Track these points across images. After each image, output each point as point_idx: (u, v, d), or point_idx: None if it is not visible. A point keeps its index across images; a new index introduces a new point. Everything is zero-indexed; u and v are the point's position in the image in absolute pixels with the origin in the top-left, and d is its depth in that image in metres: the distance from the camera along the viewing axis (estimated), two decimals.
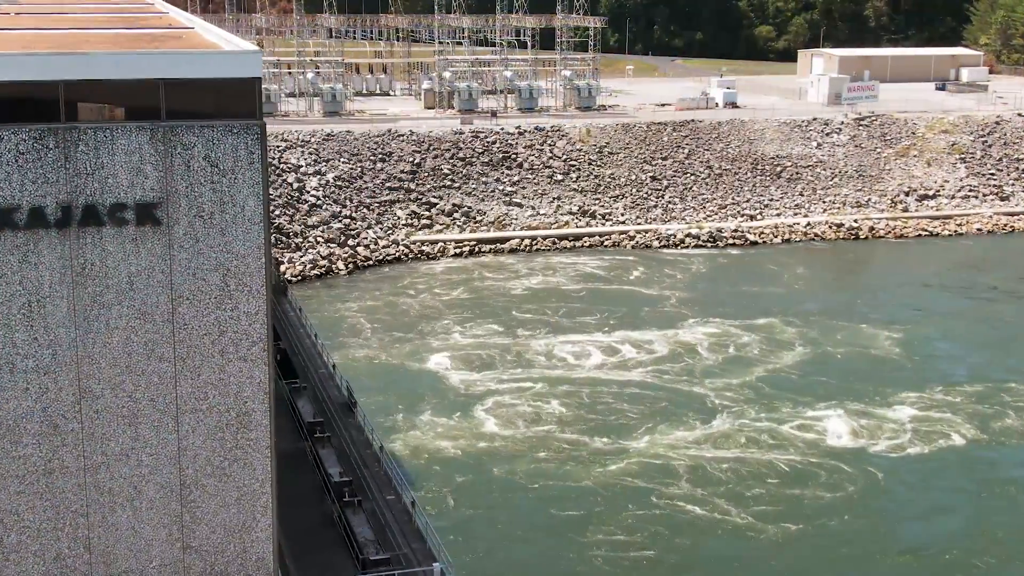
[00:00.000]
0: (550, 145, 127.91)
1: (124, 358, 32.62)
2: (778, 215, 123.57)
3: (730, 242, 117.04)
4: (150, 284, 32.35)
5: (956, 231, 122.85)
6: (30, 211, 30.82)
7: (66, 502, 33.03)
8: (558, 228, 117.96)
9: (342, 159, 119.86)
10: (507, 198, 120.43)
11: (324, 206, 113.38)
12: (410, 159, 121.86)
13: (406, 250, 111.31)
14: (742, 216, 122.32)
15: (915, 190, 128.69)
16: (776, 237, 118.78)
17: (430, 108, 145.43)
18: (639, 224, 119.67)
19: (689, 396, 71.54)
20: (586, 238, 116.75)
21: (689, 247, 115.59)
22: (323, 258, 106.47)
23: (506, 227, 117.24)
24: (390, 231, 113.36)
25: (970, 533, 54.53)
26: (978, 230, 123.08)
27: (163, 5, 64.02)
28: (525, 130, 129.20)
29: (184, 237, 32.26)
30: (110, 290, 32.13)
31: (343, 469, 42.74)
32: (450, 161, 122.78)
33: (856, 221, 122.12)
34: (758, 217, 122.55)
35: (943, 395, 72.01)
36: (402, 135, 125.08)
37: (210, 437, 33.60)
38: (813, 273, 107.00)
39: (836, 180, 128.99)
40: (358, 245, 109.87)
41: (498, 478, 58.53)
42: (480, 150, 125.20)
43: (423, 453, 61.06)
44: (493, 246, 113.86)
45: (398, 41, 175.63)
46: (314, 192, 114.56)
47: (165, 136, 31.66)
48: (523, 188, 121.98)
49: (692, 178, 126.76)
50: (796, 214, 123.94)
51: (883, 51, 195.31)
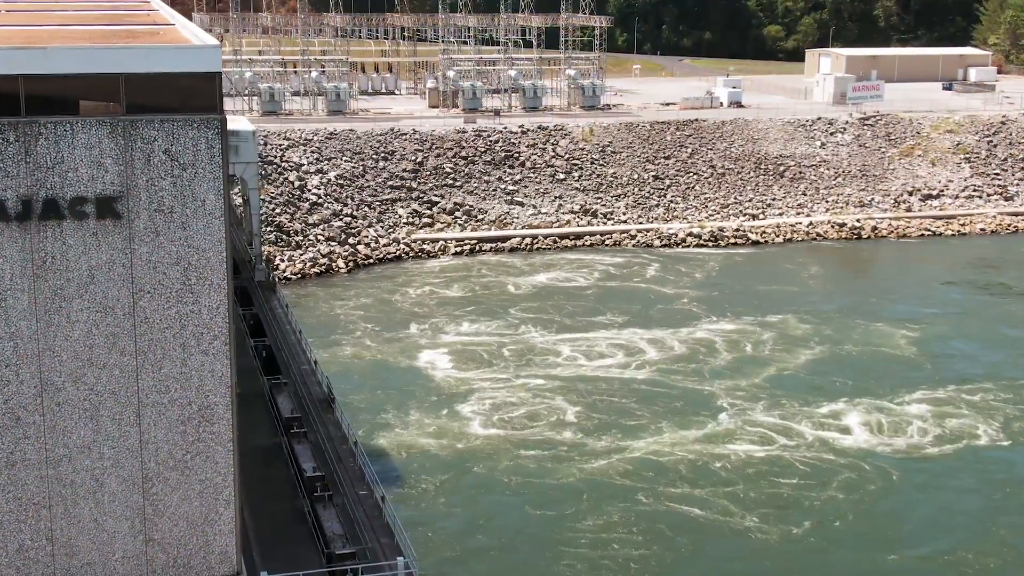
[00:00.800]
0: (553, 144, 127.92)
1: (85, 351, 32.78)
2: (780, 215, 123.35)
3: (732, 241, 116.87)
4: (111, 278, 32.50)
5: (959, 231, 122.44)
6: None
7: (28, 494, 33.20)
8: (559, 227, 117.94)
9: (344, 158, 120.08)
10: (509, 197, 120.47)
11: (325, 204, 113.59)
12: (412, 158, 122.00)
13: (407, 248, 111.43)
14: (744, 216, 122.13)
15: (919, 190, 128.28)
16: (778, 237, 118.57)
17: (434, 107, 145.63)
18: (641, 223, 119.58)
19: (696, 394, 71.34)
20: (587, 237, 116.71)
21: (690, 246, 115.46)
22: (323, 256, 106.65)
23: (507, 226, 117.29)
24: (391, 230, 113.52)
25: (982, 535, 54.00)
26: (981, 230, 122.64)
27: (156, 3, 64.28)
28: (528, 129, 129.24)
29: (145, 231, 32.40)
30: (71, 283, 32.30)
31: (316, 464, 42.83)
32: (452, 160, 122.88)
33: (859, 221, 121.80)
34: (760, 217, 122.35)
35: (959, 394, 71.60)
36: (405, 134, 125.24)
37: (172, 430, 33.75)
38: (820, 272, 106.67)
39: (839, 180, 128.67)
40: (359, 243, 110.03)
41: (482, 476, 58.59)
42: (483, 149, 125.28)
43: (408, 450, 61.16)
44: (494, 245, 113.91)
45: (404, 40, 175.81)
46: (315, 190, 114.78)
47: (125, 130, 31.81)
48: (525, 187, 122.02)
49: (695, 177, 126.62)
50: (798, 214, 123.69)
51: (890, 51, 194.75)
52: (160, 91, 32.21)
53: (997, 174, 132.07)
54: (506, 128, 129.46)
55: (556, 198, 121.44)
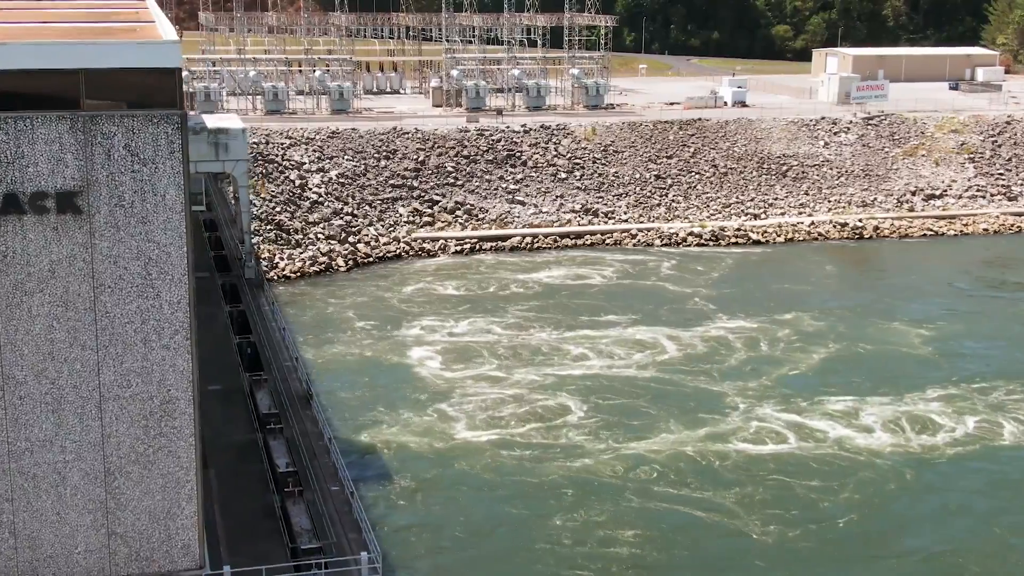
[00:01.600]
0: (555, 143, 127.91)
1: (47, 345, 33.02)
2: (782, 214, 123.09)
3: (733, 241, 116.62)
4: (72, 272, 32.74)
5: (962, 231, 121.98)
6: None
7: None
8: (560, 226, 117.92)
9: (346, 156, 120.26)
10: (510, 196, 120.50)
11: (326, 203, 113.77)
12: (414, 157, 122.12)
13: (407, 247, 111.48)
14: (746, 215, 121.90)
15: (922, 190, 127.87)
16: (779, 236, 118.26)
17: (438, 106, 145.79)
18: (642, 223, 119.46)
19: (704, 393, 70.96)
20: (588, 236, 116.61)
21: (691, 245, 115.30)
22: (323, 255, 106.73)
23: (508, 225, 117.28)
24: (392, 228, 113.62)
25: (994, 536, 53.58)
26: (984, 230, 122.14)
27: (149, 2, 64.49)
28: (531, 128, 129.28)
29: (105, 226, 32.63)
30: (32, 278, 32.54)
31: (290, 460, 42.98)
32: (454, 159, 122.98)
33: (861, 221, 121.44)
34: (762, 216, 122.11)
35: (974, 393, 71.10)
36: (407, 133, 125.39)
37: (133, 424, 33.97)
38: (825, 271, 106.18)
39: (842, 179, 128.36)
40: (359, 242, 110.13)
41: (464, 474, 58.42)
42: (485, 148, 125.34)
43: (391, 447, 61.14)
44: (494, 244, 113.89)
45: (409, 39, 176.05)
46: (316, 189, 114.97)
47: (85, 125, 32.05)
48: (526, 186, 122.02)
49: (697, 177, 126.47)
50: (800, 213, 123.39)
51: (897, 50, 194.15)
52: (120, 87, 32.44)
53: (1001, 174, 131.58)
54: (508, 127, 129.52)
55: (557, 197, 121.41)
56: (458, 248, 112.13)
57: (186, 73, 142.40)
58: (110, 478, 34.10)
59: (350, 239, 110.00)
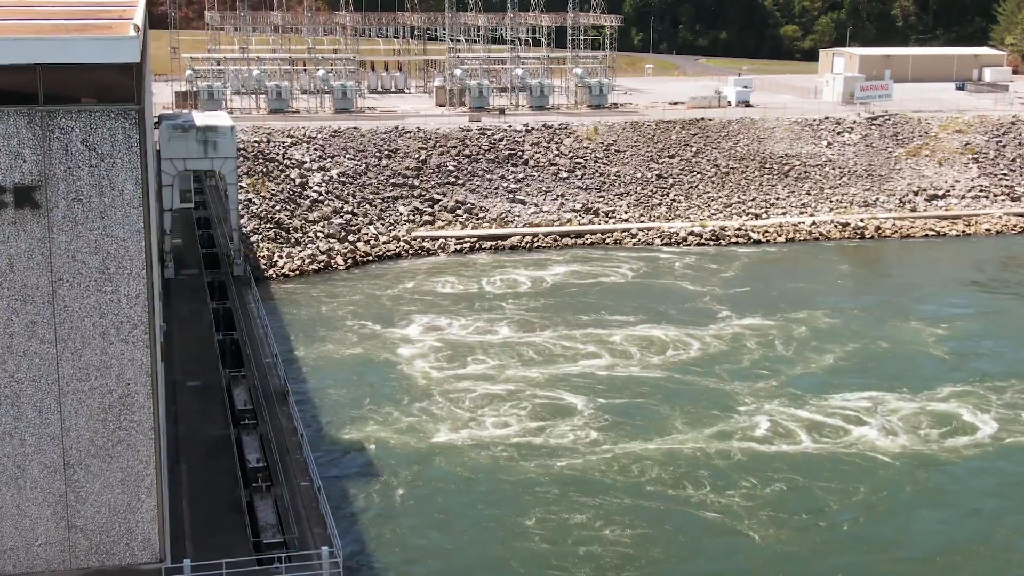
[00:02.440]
0: (557, 143, 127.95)
1: (5, 339, 33.21)
2: (784, 214, 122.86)
3: (733, 241, 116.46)
4: (30, 266, 32.92)
5: (964, 231, 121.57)
6: None
7: None
8: (560, 225, 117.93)
9: (347, 155, 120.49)
10: (511, 195, 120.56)
11: (326, 202, 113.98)
12: (416, 156, 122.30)
13: (407, 246, 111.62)
14: (747, 215, 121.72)
15: (924, 190, 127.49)
16: (780, 236, 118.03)
17: (441, 105, 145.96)
18: (642, 222, 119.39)
19: (707, 393, 70.70)
20: (588, 235, 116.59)
21: (691, 245, 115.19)
22: (322, 253, 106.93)
23: (508, 224, 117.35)
24: (392, 227, 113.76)
25: (1007, 539, 53.45)
26: (987, 230, 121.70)
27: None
28: (533, 128, 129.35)
29: (63, 220, 32.81)
30: None
31: (260, 455, 43.13)
32: (456, 158, 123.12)
33: (862, 221, 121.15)
34: (763, 216, 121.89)
35: (990, 392, 70.80)
36: (409, 132, 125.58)
37: (93, 418, 34.15)
38: (830, 270, 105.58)
39: (844, 179, 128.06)
40: (358, 241, 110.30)
41: (444, 471, 58.23)
42: (486, 147, 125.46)
43: (372, 445, 61.17)
44: (494, 243, 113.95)
45: (414, 39, 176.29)
46: (317, 188, 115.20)
47: (43, 120, 32.23)
48: (527, 185, 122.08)
49: (698, 176, 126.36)
50: (802, 213, 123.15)
51: (904, 51, 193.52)
52: (78, 82, 32.61)
53: (1005, 174, 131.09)
54: (511, 126, 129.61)
55: (558, 197, 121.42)
56: (457, 247, 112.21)
57: (189, 72, 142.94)
58: (70, 471, 34.29)
59: (349, 238, 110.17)
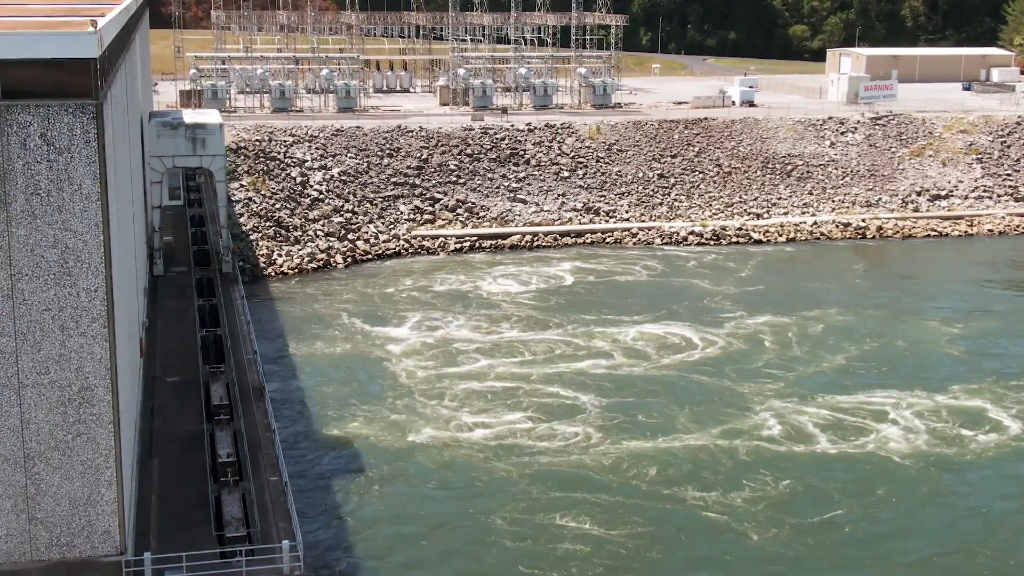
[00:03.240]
0: (559, 142, 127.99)
1: None
2: (785, 214, 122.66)
3: (734, 240, 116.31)
4: None
5: (966, 231, 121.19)
6: None
7: None
8: (561, 225, 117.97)
9: (349, 154, 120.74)
10: (512, 194, 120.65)
11: (327, 200, 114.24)
12: (417, 155, 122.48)
13: (406, 245, 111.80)
14: (748, 215, 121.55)
15: (927, 190, 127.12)
16: (781, 236, 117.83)
17: (445, 105, 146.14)
18: (643, 221, 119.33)
19: (713, 392, 70.69)
20: (588, 235, 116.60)
21: (692, 244, 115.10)
22: (321, 252, 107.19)
23: (508, 223, 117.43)
24: (392, 226, 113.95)
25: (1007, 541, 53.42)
26: (989, 231, 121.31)
27: None
28: (535, 127, 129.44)
29: (22, 214, 33.02)
30: None
31: (232, 451, 43.30)
32: (457, 157, 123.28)
33: (864, 221, 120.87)
34: (764, 216, 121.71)
35: (1005, 391, 70.82)
36: (411, 131, 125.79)
37: (52, 411, 34.35)
38: (834, 270, 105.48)
39: (847, 179, 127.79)
40: (358, 239, 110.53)
41: (421, 469, 58.27)
42: (488, 146, 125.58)
43: (352, 441, 61.30)
44: (493, 242, 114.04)
45: (419, 38, 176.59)
46: (317, 186, 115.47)
47: (1, 115, 32.42)
48: (528, 184, 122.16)
49: (700, 176, 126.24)
50: (803, 213, 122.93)
51: (911, 51, 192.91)
52: (36, 77, 32.76)
53: (1009, 175, 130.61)
54: (513, 126, 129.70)
55: (559, 196, 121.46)
56: (457, 246, 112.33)
57: (193, 71, 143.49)
58: (30, 464, 34.50)
59: (349, 236, 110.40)
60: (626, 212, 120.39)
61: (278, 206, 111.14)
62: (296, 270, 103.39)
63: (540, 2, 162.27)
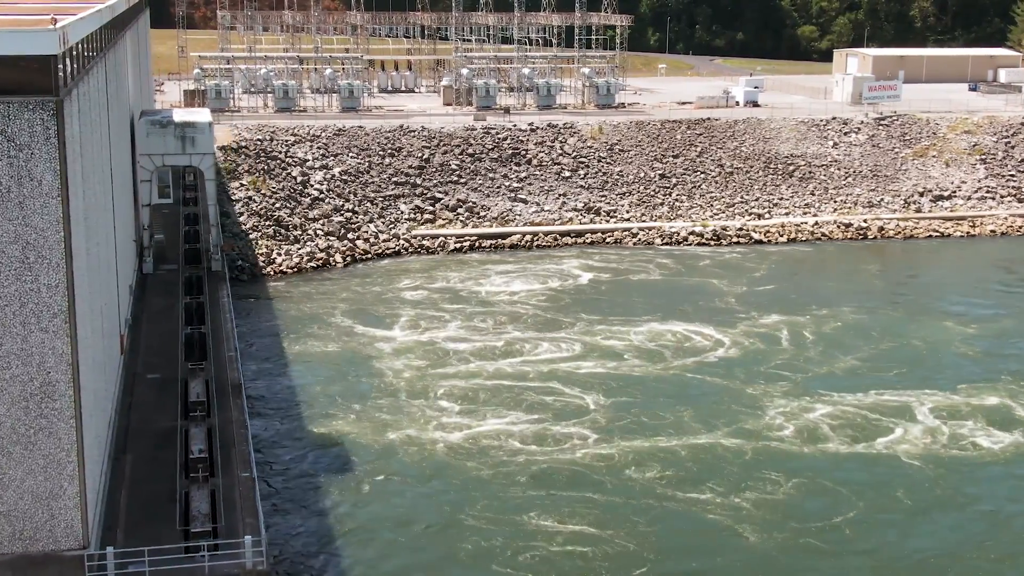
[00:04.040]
0: (561, 142, 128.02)
1: None
2: (787, 214, 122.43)
3: (734, 240, 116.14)
4: None
5: (968, 232, 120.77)
6: None
7: None
8: (561, 224, 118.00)
9: (350, 154, 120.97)
10: (512, 194, 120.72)
11: (327, 200, 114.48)
12: (419, 154, 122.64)
13: (406, 244, 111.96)
14: (749, 215, 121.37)
15: (930, 191, 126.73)
16: (782, 236, 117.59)
17: (448, 104, 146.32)
18: (643, 221, 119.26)
19: (719, 393, 70.60)
20: (588, 235, 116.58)
21: (692, 244, 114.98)
22: (320, 251, 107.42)
23: (509, 223, 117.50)
24: (392, 225, 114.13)
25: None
26: (991, 232, 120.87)
27: None
28: (537, 127, 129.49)
29: None
30: None
31: (204, 447, 43.48)
32: (459, 157, 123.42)
33: (865, 221, 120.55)
34: (766, 216, 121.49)
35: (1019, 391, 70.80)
36: (413, 131, 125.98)
37: (14, 406, 34.56)
38: (836, 270, 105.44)
39: (849, 180, 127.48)
40: (357, 238, 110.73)
41: (401, 468, 58.14)
42: (490, 146, 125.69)
43: (337, 440, 61.38)
44: (494, 241, 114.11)
45: (424, 38, 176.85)
46: (318, 186, 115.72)
47: None
48: (530, 184, 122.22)
49: (702, 176, 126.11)
50: (805, 213, 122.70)
51: (918, 51, 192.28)
52: None
53: (1013, 176, 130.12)
54: (515, 125, 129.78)
55: (560, 196, 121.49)
56: (457, 245, 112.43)
57: (197, 71, 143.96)
58: None
59: (349, 236, 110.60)
60: (627, 212, 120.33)
61: (278, 205, 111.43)
62: (295, 269, 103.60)
63: (545, 2, 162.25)
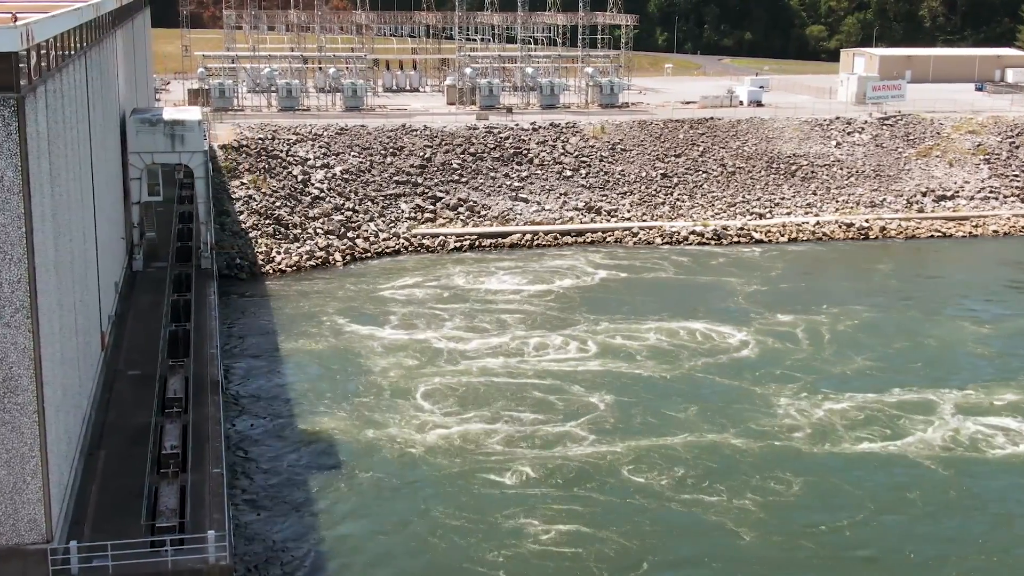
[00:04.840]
0: (563, 141, 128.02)
1: None
2: (788, 214, 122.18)
3: (735, 240, 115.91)
4: None
5: (971, 232, 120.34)
6: None
7: None
8: (562, 224, 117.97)
9: (352, 153, 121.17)
10: (513, 193, 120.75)
11: (328, 199, 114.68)
12: (421, 153, 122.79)
13: (406, 243, 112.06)
14: (751, 214, 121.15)
15: (933, 191, 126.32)
16: (783, 236, 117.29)
17: (452, 104, 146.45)
18: (644, 221, 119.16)
19: (729, 392, 70.63)
20: (588, 234, 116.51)
21: (692, 244, 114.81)
22: (320, 249, 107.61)
23: (509, 222, 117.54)
24: (392, 224, 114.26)
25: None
26: (994, 232, 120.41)
27: None
28: (540, 126, 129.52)
29: None
30: None
31: (177, 443, 43.63)
32: (461, 156, 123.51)
33: (867, 221, 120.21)
34: (767, 216, 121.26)
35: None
36: (416, 130, 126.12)
37: None
38: (838, 270, 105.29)
39: (851, 180, 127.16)
40: (357, 237, 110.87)
41: (389, 466, 58.33)
42: (492, 145, 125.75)
43: (321, 437, 61.53)
44: (494, 240, 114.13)
45: (429, 38, 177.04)
46: (319, 185, 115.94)
47: None
48: (531, 184, 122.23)
49: (703, 176, 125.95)
50: (807, 213, 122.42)
51: (925, 51, 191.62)
52: None
53: (1016, 176, 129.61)
54: (517, 125, 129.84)
55: (561, 195, 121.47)
56: (457, 244, 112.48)
57: (201, 70, 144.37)
58: None
59: (349, 235, 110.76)
60: (628, 211, 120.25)
61: (278, 204, 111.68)
62: (295, 267, 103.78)
63: (550, 2, 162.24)
